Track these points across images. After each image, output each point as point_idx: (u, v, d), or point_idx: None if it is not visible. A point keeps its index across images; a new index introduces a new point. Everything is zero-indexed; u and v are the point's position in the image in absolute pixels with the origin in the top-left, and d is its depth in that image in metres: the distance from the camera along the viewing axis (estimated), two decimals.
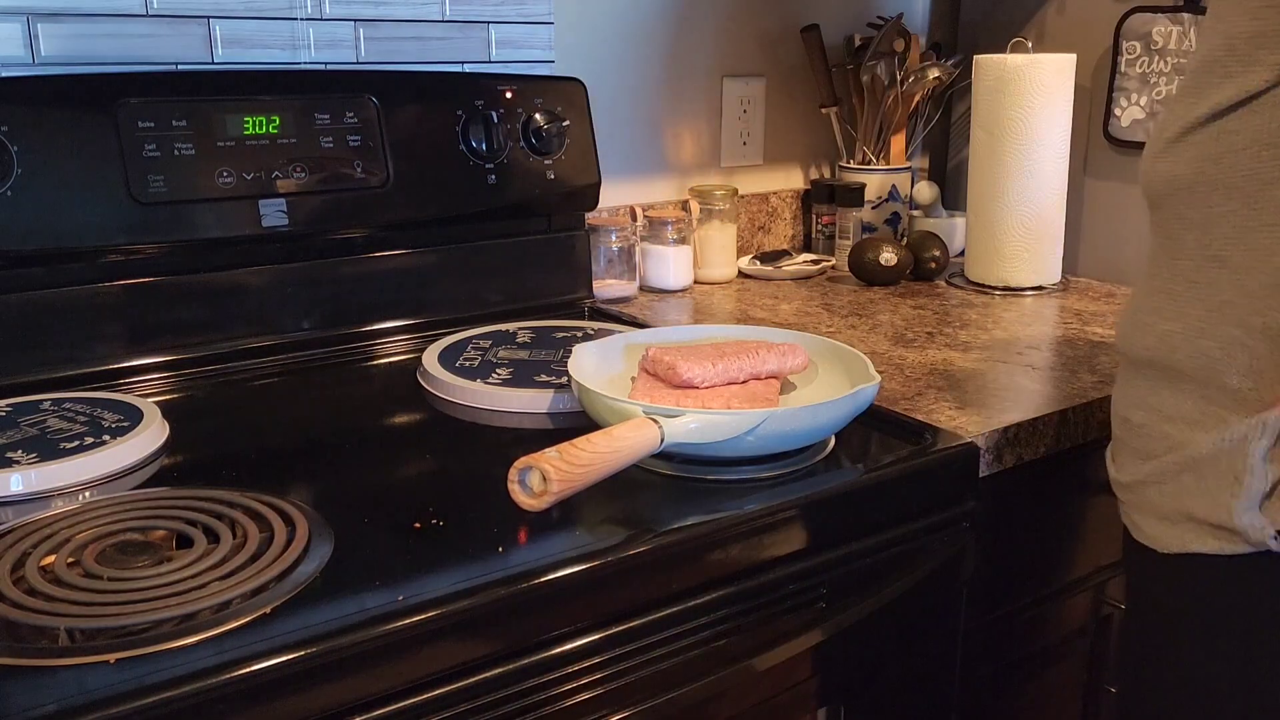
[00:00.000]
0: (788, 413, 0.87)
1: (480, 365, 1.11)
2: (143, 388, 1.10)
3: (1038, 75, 1.44)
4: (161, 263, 1.12)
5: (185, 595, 0.68)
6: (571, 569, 0.73)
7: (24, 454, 0.87)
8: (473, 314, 1.31)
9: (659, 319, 1.39)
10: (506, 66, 1.38)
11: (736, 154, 1.70)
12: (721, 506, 0.83)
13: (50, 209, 1.03)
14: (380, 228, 1.24)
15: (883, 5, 1.76)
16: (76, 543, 0.75)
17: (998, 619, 1.13)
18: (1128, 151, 1.58)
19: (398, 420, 1.07)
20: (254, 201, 1.14)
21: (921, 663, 1.00)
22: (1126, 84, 1.56)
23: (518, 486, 0.76)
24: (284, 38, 1.22)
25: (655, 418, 0.82)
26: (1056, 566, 1.17)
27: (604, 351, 1.05)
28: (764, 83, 1.70)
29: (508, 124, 1.29)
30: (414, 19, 1.31)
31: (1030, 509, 1.12)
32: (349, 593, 0.70)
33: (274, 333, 1.19)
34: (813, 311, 1.43)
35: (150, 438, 0.93)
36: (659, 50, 1.58)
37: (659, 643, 0.78)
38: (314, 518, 0.79)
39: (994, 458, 1.00)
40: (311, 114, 1.18)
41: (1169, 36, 1.52)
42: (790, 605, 0.86)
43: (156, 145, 1.09)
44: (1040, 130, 1.45)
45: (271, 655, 0.62)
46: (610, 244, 1.46)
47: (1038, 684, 1.21)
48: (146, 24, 1.14)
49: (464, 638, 0.69)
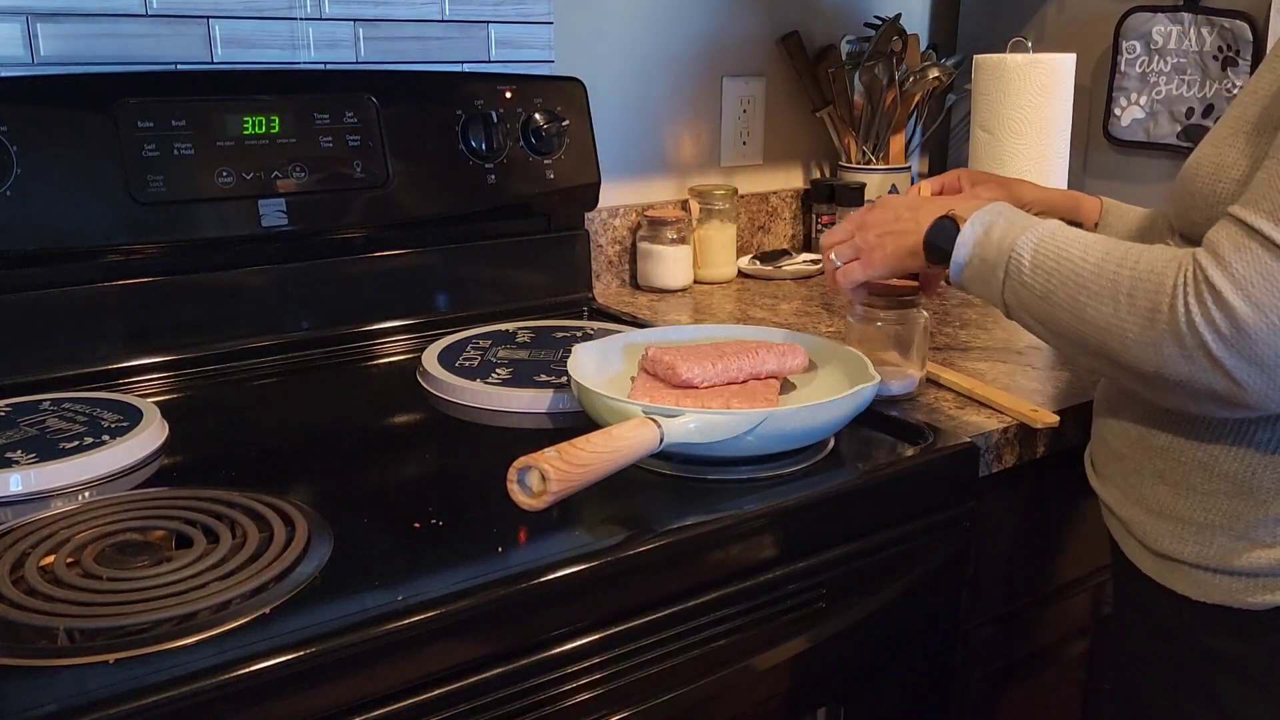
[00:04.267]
0: (787, 413, 0.87)
1: (480, 365, 1.11)
2: (142, 388, 1.10)
3: (1037, 75, 1.44)
4: (161, 263, 1.12)
5: (185, 595, 0.68)
6: (571, 569, 0.73)
7: (24, 454, 0.87)
8: (473, 314, 1.31)
9: (659, 319, 1.39)
10: (506, 66, 1.38)
11: (736, 154, 1.70)
12: (721, 506, 0.83)
13: (50, 209, 1.03)
14: (380, 228, 1.24)
15: (881, 5, 1.76)
16: (76, 543, 0.74)
17: (997, 619, 1.13)
18: (1128, 151, 1.58)
19: (397, 420, 1.07)
20: (254, 201, 1.14)
21: (921, 662, 1.00)
22: (1126, 83, 1.56)
23: (517, 486, 0.76)
24: (283, 38, 1.22)
25: (655, 417, 0.82)
26: (1056, 566, 1.17)
27: (604, 351, 1.05)
28: (764, 83, 1.70)
29: (507, 124, 1.29)
30: (414, 19, 1.31)
31: (1030, 509, 1.12)
32: (348, 593, 0.70)
33: (274, 333, 1.19)
34: (813, 311, 1.42)
35: (150, 438, 0.93)
36: (659, 50, 1.58)
37: (659, 643, 0.78)
38: (313, 518, 0.79)
39: (994, 458, 1.00)
40: (311, 114, 1.17)
41: (1169, 36, 1.52)
42: (790, 605, 0.86)
43: (156, 145, 1.08)
44: (1040, 130, 1.45)
45: (271, 655, 0.62)
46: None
47: (1037, 683, 1.21)
48: (146, 24, 1.14)
49: (464, 638, 0.69)
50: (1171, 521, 0.83)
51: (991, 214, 0.86)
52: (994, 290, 0.84)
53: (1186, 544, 0.82)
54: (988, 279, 0.85)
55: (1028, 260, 0.81)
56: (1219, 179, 0.79)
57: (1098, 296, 0.76)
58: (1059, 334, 0.80)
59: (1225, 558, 0.80)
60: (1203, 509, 0.81)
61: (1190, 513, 0.82)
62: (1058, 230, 0.82)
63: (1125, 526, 0.89)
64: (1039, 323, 0.82)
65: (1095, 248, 0.78)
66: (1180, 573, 0.83)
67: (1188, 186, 0.83)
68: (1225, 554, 0.80)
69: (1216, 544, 0.81)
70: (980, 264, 0.85)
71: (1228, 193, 0.77)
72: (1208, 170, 0.80)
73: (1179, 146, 1.53)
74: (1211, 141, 0.82)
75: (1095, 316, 0.76)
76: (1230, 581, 0.80)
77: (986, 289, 0.86)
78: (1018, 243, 0.82)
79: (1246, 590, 0.80)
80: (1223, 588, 0.81)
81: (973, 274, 0.87)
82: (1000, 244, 0.84)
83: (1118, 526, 0.91)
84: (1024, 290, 0.81)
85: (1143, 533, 0.86)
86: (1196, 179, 0.81)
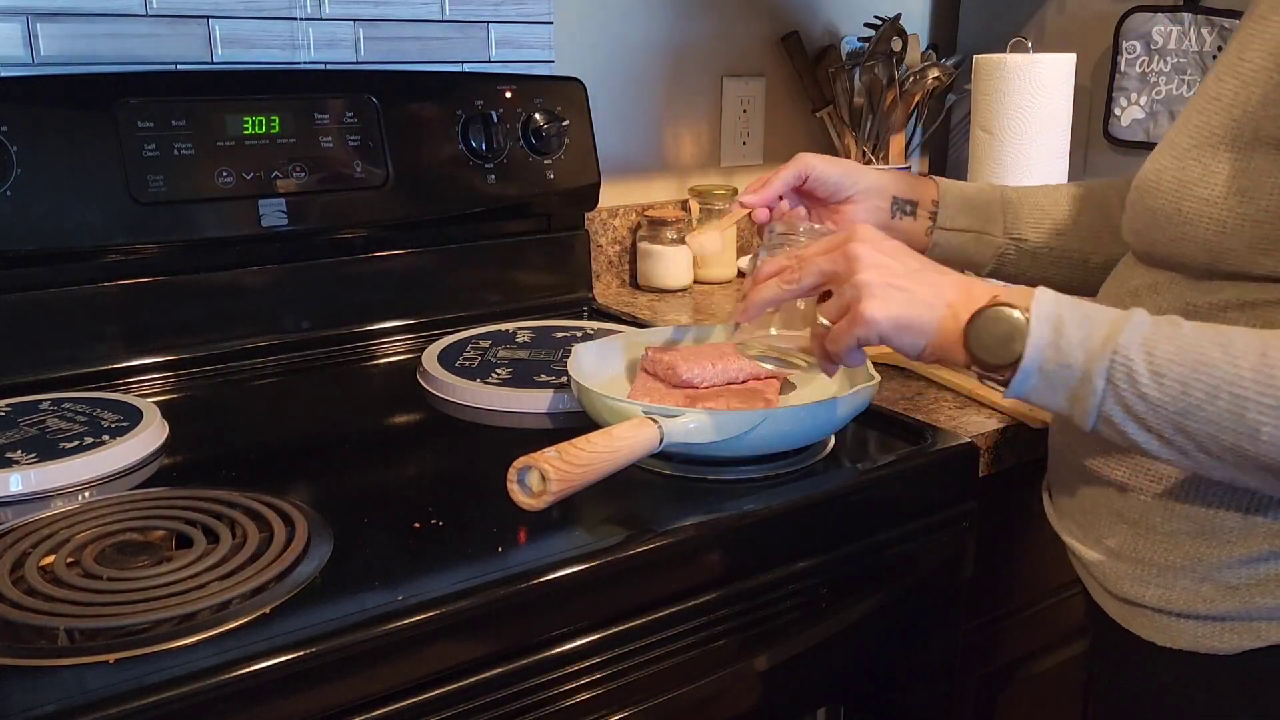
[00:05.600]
0: (787, 413, 0.87)
1: (480, 365, 1.11)
2: (142, 388, 1.10)
3: (1037, 75, 1.44)
4: (161, 263, 1.12)
5: (185, 595, 0.68)
6: (571, 569, 0.73)
7: (24, 454, 0.87)
8: (472, 314, 1.31)
9: (659, 319, 1.39)
10: (506, 66, 1.38)
11: (736, 154, 1.70)
12: (721, 506, 0.83)
13: (50, 209, 1.03)
14: (380, 228, 1.24)
15: (881, 5, 1.76)
16: (76, 543, 0.74)
17: (997, 618, 1.13)
18: (1128, 151, 1.58)
19: (397, 420, 1.07)
20: (254, 201, 1.14)
21: (921, 662, 1.00)
22: (1126, 84, 1.56)
23: (517, 486, 0.76)
24: (283, 38, 1.22)
25: (655, 417, 0.82)
26: (1056, 566, 1.17)
27: (603, 351, 1.05)
28: (764, 83, 1.70)
29: (507, 124, 1.29)
30: (414, 19, 1.31)
31: (1030, 509, 1.12)
32: (348, 593, 0.70)
33: (274, 333, 1.19)
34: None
35: (150, 438, 0.93)
36: (659, 50, 1.58)
37: (659, 643, 0.78)
38: (313, 518, 0.79)
39: (994, 458, 1.00)
40: (311, 114, 1.17)
41: (1169, 36, 1.52)
42: (790, 605, 0.86)
43: (156, 145, 1.08)
44: (1040, 130, 1.45)
45: (271, 655, 0.62)
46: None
47: (1037, 683, 1.21)
48: (146, 24, 1.14)
49: (464, 638, 0.69)
50: (1132, 563, 0.78)
51: (1050, 304, 0.70)
52: (1083, 402, 0.68)
53: (1149, 587, 0.77)
54: (1072, 389, 0.68)
55: (1142, 366, 0.66)
56: (1183, 196, 0.73)
57: (1275, 412, 0.63)
58: (1211, 454, 0.66)
59: (1189, 601, 0.75)
60: (1164, 550, 0.76)
61: (1151, 554, 0.77)
62: (1164, 325, 0.68)
63: (1086, 568, 0.84)
64: (1167, 442, 0.67)
65: (1238, 345, 0.65)
66: (1144, 617, 0.78)
67: (1147, 202, 0.77)
68: (1189, 598, 0.75)
69: (1179, 587, 0.76)
70: (1058, 372, 0.68)
71: (1194, 212, 0.73)
72: (1169, 186, 0.75)
73: None
74: (1171, 153, 0.76)
75: (1277, 435, 0.63)
76: (1196, 626, 0.75)
77: (1069, 400, 0.69)
78: (1118, 344, 0.66)
79: (1212, 635, 0.75)
80: (1188, 633, 0.76)
81: (1045, 384, 0.69)
82: (1087, 346, 0.67)
83: (1080, 567, 0.86)
84: (1142, 404, 0.66)
85: (1103, 575, 0.81)
86: (1156, 194, 0.76)
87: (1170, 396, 0.66)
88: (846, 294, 0.74)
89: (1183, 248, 0.75)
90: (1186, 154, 0.75)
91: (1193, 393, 0.65)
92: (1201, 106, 0.76)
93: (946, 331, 0.72)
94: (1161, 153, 0.78)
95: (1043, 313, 0.69)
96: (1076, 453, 0.83)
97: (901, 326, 0.73)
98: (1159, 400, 0.66)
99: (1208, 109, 0.75)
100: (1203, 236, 0.73)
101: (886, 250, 0.75)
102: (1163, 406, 0.66)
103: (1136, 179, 0.80)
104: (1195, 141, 0.75)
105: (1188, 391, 0.65)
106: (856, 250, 0.74)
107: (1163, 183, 0.76)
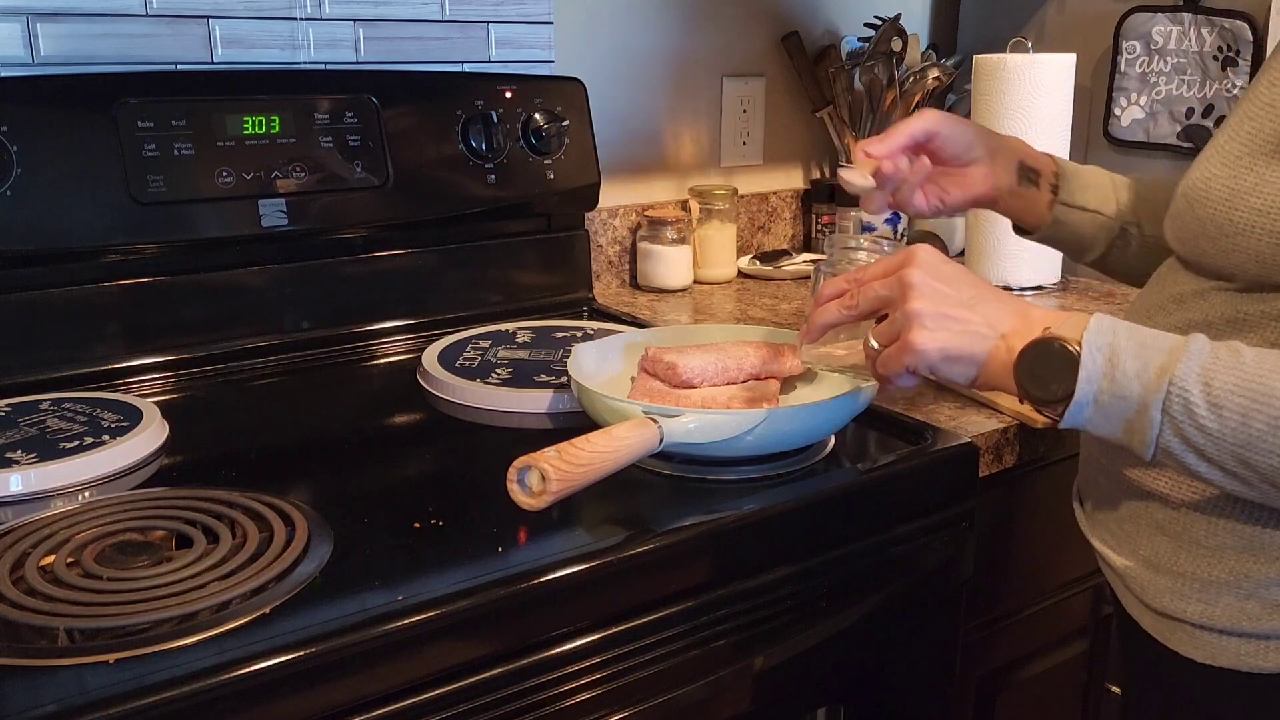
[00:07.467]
0: (787, 412, 0.87)
1: (480, 365, 1.11)
2: (142, 388, 1.10)
3: (1037, 75, 1.44)
4: (161, 263, 1.12)
5: (185, 595, 0.68)
6: (571, 569, 0.73)
7: (24, 454, 0.87)
8: (472, 314, 1.31)
9: (659, 319, 1.39)
10: (506, 66, 1.38)
11: (736, 154, 1.70)
12: (721, 506, 0.83)
13: (50, 209, 1.03)
14: (380, 228, 1.24)
15: (881, 5, 1.76)
16: (76, 543, 0.74)
17: (997, 618, 1.13)
18: (1128, 151, 1.58)
19: (397, 420, 1.07)
20: (253, 201, 1.14)
21: (921, 662, 1.00)
22: (1126, 84, 1.56)
23: (517, 486, 0.76)
24: (283, 38, 1.22)
25: (655, 417, 0.82)
26: (1056, 566, 1.17)
27: (603, 351, 1.05)
28: (764, 83, 1.70)
29: (507, 124, 1.29)
30: (414, 19, 1.31)
31: (1030, 509, 1.12)
32: (348, 593, 0.70)
33: (274, 333, 1.19)
34: None
35: (150, 438, 0.93)
36: (659, 50, 1.58)
37: (659, 643, 0.78)
38: (313, 518, 0.79)
39: (994, 458, 1.00)
40: (311, 114, 1.17)
41: (1169, 36, 1.52)
42: (790, 605, 0.86)
43: (156, 145, 1.08)
44: (1040, 130, 1.45)
45: (271, 655, 0.62)
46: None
47: (1037, 684, 1.21)
48: (146, 24, 1.14)
49: (464, 638, 0.69)
50: (1172, 577, 0.75)
51: (1105, 334, 0.68)
52: (1141, 434, 0.67)
53: (1190, 602, 0.74)
54: (1129, 420, 0.67)
55: (1199, 398, 0.65)
56: (1235, 206, 0.70)
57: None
58: (1277, 486, 0.65)
59: (1234, 618, 0.72)
60: (1207, 564, 0.73)
61: (1193, 568, 0.74)
62: (1224, 354, 0.66)
63: (1122, 579, 0.81)
64: (1230, 474, 0.66)
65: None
66: (1184, 633, 0.76)
67: (1196, 211, 0.74)
68: (1234, 614, 0.72)
69: (1223, 603, 0.73)
70: (1114, 404, 0.67)
71: (1246, 222, 0.70)
72: (1220, 195, 0.72)
73: (1179, 147, 1.53)
74: (1222, 160, 0.73)
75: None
76: (1239, 644, 0.73)
77: (1125, 432, 0.68)
78: (1175, 375, 0.65)
79: (1257, 654, 0.72)
80: (1230, 650, 0.73)
81: (1100, 416, 0.69)
82: (1143, 377, 0.66)
83: (1113, 577, 0.83)
84: (1201, 436, 0.65)
85: (1140, 587, 0.78)
86: (1207, 203, 0.73)
87: (1230, 428, 0.64)
88: (898, 322, 0.74)
89: (1234, 259, 0.72)
90: (1238, 162, 0.72)
91: (1253, 424, 0.64)
92: (1253, 113, 0.73)
93: (998, 363, 0.72)
94: (1210, 159, 0.75)
95: (1097, 343, 0.68)
96: (1113, 460, 0.81)
97: (950, 358, 0.72)
98: (1218, 433, 0.65)
99: (1260, 115, 0.72)
100: (1255, 247, 0.70)
101: (944, 276, 0.74)
102: (1223, 439, 0.65)
103: (1183, 186, 0.77)
104: (1248, 149, 0.72)
105: (1248, 423, 0.64)
106: (911, 277, 0.73)
107: (1213, 191, 0.73)
